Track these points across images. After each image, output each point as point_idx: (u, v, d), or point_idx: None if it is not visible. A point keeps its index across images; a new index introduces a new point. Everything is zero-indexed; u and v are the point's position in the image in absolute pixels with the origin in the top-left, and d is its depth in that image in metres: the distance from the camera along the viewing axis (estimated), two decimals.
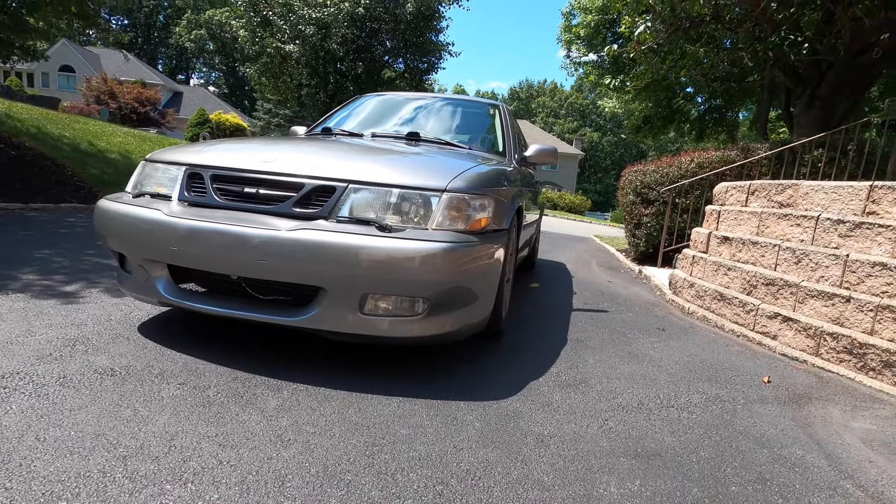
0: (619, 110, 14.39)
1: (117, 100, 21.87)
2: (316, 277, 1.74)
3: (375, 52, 16.18)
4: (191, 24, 49.76)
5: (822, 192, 3.13)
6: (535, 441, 1.56)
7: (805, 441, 1.77)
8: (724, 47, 8.20)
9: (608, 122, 54.80)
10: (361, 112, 3.64)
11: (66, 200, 6.22)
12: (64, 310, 2.32)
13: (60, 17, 8.16)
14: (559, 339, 2.71)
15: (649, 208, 6.12)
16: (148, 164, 2.13)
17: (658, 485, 1.39)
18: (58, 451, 1.24)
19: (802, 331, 2.82)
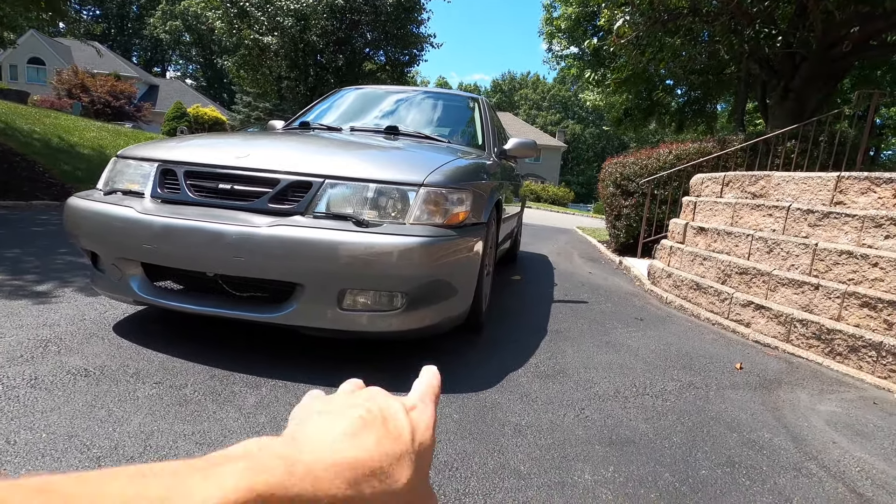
0: (601, 103, 14.50)
1: (90, 93, 21.23)
2: (293, 273, 1.73)
3: (356, 45, 15.98)
4: (166, 14, 48.51)
5: (792, 182, 3.22)
6: (513, 431, 1.59)
7: (773, 424, 1.84)
8: (701, 40, 8.32)
9: (590, 115, 55.18)
10: (340, 106, 3.61)
11: (38, 197, 6.05)
12: (35, 310, 2.27)
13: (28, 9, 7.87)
14: (539, 330, 2.74)
15: (629, 200, 6.21)
16: (120, 161, 2.09)
17: (631, 470, 1.42)
18: (29, 454, 1.22)
19: (774, 318, 2.90)
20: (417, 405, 0.30)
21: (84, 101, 20.79)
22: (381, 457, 0.24)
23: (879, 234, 2.62)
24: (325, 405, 0.28)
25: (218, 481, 0.18)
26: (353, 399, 0.29)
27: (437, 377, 0.35)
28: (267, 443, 0.22)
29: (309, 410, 0.28)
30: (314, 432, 0.24)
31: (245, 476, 0.18)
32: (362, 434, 0.25)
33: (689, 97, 13.12)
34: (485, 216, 2.27)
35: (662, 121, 13.65)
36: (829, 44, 6.50)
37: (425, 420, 0.29)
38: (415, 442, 0.27)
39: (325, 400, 0.29)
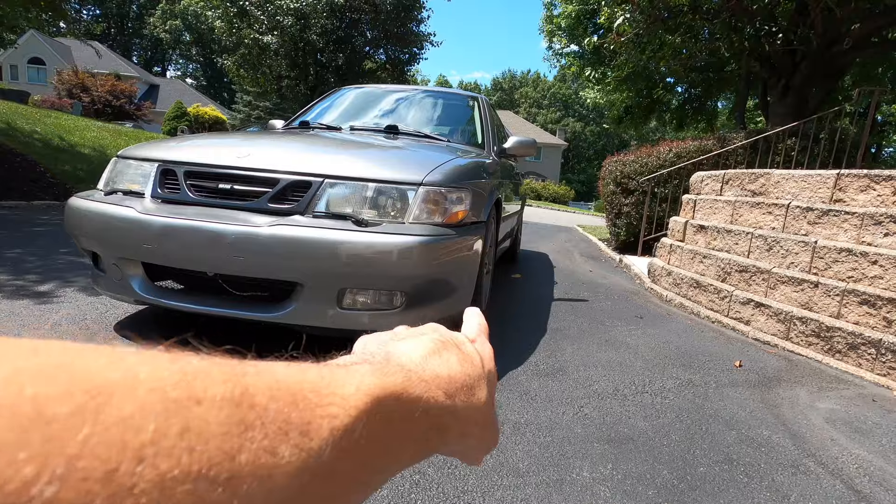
0: (601, 101, 14.48)
1: (90, 93, 21.23)
2: (293, 273, 1.74)
3: (356, 43, 15.97)
4: (165, 14, 48.50)
5: (792, 180, 3.22)
6: (512, 429, 1.59)
7: (772, 422, 1.84)
8: (701, 38, 8.30)
9: (591, 113, 55.12)
10: (340, 105, 3.62)
11: (39, 198, 6.07)
12: (38, 310, 2.28)
13: (28, 9, 7.88)
14: (539, 328, 2.75)
15: (629, 198, 6.21)
16: (120, 161, 2.09)
17: (629, 468, 1.43)
18: None
19: (773, 316, 2.91)
20: (477, 338, 0.33)
21: (84, 101, 20.80)
22: (465, 375, 0.27)
23: (879, 231, 2.62)
24: (394, 335, 0.30)
25: (358, 379, 0.20)
26: (420, 330, 0.31)
27: (482, 317, 0.37)
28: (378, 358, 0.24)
29: (379, 339, 0.29)
30: (405, 352, 0.26)
31: (377, 378, 0.21)
32: (445, 354, 0.27)
33: (690, 95, 13.10)
34: (484, 215, 2.28)
35: (663, 118, 13.63)
36: (830, 41, 6.49)
37: (488, 350, 0.32)
38: (485, 367, 0.30)
39: (392, 332, 0.31)
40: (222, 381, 0.15)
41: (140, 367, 0.14)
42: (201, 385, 0.15)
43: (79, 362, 0.13)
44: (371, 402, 0.20)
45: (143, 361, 0.14)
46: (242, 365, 0.17)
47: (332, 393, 0.19)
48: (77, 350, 0.14)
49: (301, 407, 0.17)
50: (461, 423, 0.25)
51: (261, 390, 0.16)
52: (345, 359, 0.24)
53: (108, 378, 0.13)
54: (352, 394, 0.19)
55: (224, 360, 0.17)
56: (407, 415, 0.22)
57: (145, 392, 0.13)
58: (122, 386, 0.13)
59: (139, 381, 0.13)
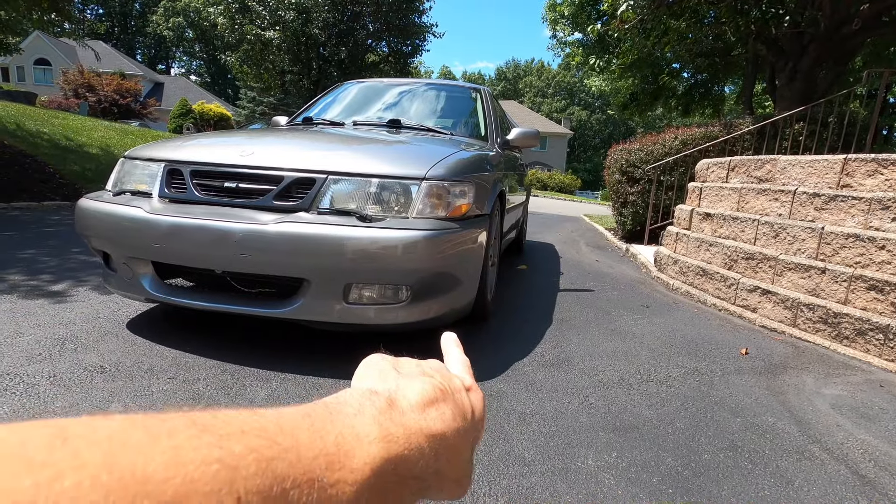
0: (606, 88, 14.34)
1: (96, 92, 21.37)
2: (299, 269, 1.77)
3: (358, 36, 15.90)
4: (168, 11, 48.50)
5: (798, 166, 3.19)
6: (518, 419, 1.62)
7: (777, 409, 1.85)
8: (707, 22, 8.18)
9: (596, 101, 54.57)
10: (343, 100, 3.62)
11: (49, 198, 6.15)
12: (52, 309, 2.33)
13: (32, 10, 7.93)
14: (545, 319, 2.76)
15: (635, 186, 6.17)
16: (127, 162, 2.12)
17: (634, 456, 1.45)
18: None
19: (780, 303, 2.90)
20: (472, 387, 0.32)
21: (90, 101, 20.94)
22: (455, 431, 0.27)
23: (887, 216, 2.60)
24: (400, 366, 0.30)
25: (365, 450, 0.21)
26: (424, 367, 0.30)
27: (461, 348, 0.36)
28: (378, 406, 0.24)
29: (384, 368, 0.29)
30: (408, 398, 0.26)
31: (382, 446, 0.22)
32: (442, 405, 0.27)
33: (696, 80, 12.93)
34: (488, 207, 2.29)
35: (669, 105, 13.48)
36: (839, 22, 6.37)
37: (480, 401, 0.31)
38: (474, 420, 0.29)
39: (398, 362, 0.31)
40: (256, 474, 0.17)
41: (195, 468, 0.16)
42: (241, 481, 0.17)
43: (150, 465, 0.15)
44: (373, 476, 0.21)
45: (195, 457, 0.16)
46: (271, 446, 0.18)
47: (343, 467, 0.20)
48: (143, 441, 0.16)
49: (318, 487, 0.19)
50: (441, 482, 0.25)
51: (287, 478, 0.18)
52: (349, 396, 0.25)
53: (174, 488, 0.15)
54: (359, 468, 0.21)
55: (255, 434, 0.18)
56: (400, 482, 0.23)
57: (201, 497, 0.15)
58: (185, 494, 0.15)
59: (197, 486, 0.15)
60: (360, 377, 0.29)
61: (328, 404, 0.23)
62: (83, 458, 0.14)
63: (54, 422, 0.15)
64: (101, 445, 0.15)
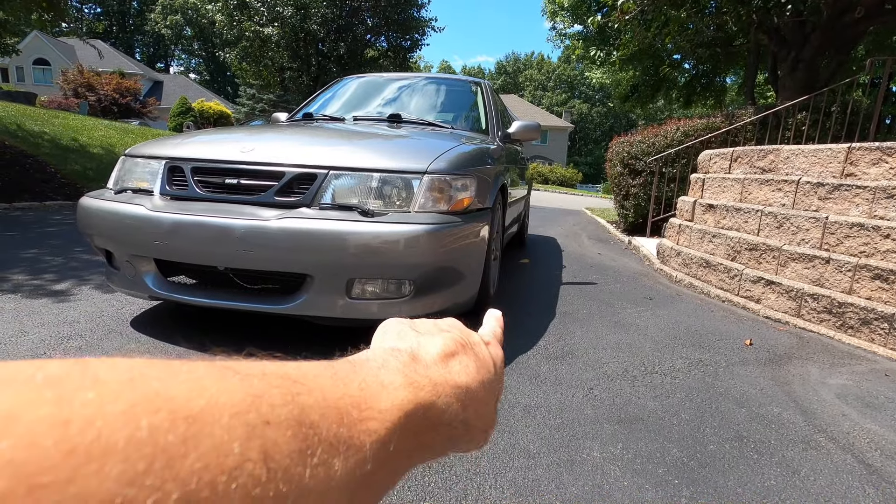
0: (607, 81, 14.27)
1: (96, 92, 21.36)
2: (301, 265, 1.77)
3: (357, 32, 15.83)
4: (166, 9, 48.34)
5: (802, 155, 3.17)
6: (522, 412, 1.62)
7: (783, 399, 1.85)
8: (708, 12, 8.11)
9: (597, 93, 54.33)
10: (342, 95, 3.61)
11: (51, 198, 6.16)
12: (56, 308, 2.34)
13: (30, 10, 7.91)
14: (548, 312, 2.76)
15: (637, 179, 6.15)
16: (128, 160, 2.12)
17: (639, 447, 1.45)
18: None
19: (784, 293, 2.89)
20: (492, 342, 0.32)
21: (90, 100, 20.93)
22: (479, 383, 0.27)
23: (891, 204, 2.58)
24: (415, 326, 0.30)
25: (392, 393, 0.22)
26: (441, 324, 0.31)
27: (500, 322, 0.37)
28: (402, 359, 0.25)
29: (402, 329, 0.30)
30: (430, 353, 0.26)
31: (409, 392, 0.22)
32: (464, 358, 0.27)
33: (698, 71, 12.85)
34: (490, 201, 2.28)
35: (670, 96, 13.41)
36: (841, 10, 6.31)
37: (500, 355, 0.32)
38: (496, 374, 0.30)
39: (414, 322, 0.31)
40: (283, 404, 0.17)
41: (219, 393, 0.15)
42: (268, 408, 0.16)
43: (171, 389, 0.14)
44: (404, 417, 0.21)
45: (219, 386, 0.16)
46: (294, 384, 0.18)
47: (370, 408, 0.20)
48: (162, 373, 0.15)
49: (346, 423, 0.19)
50: (469, 431, 0.26)
51: (314, 409, 0.18)
52: (372, 353, 0.25)
53: (199, 405, 0.14)
54: (387, 409, 0.21)
55: (278, 375, 0.18)
56: (431, 427, 0.23)
57: (228, 418, 0.15)
58: (210, 413, 0.15)
59: (222, 408, 0.15)
60: (378, 340, 0.30)
61: (351, 360, 0.23)
62: (104, 378, 0.14)
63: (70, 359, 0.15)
64: (121, 370, 0.15)
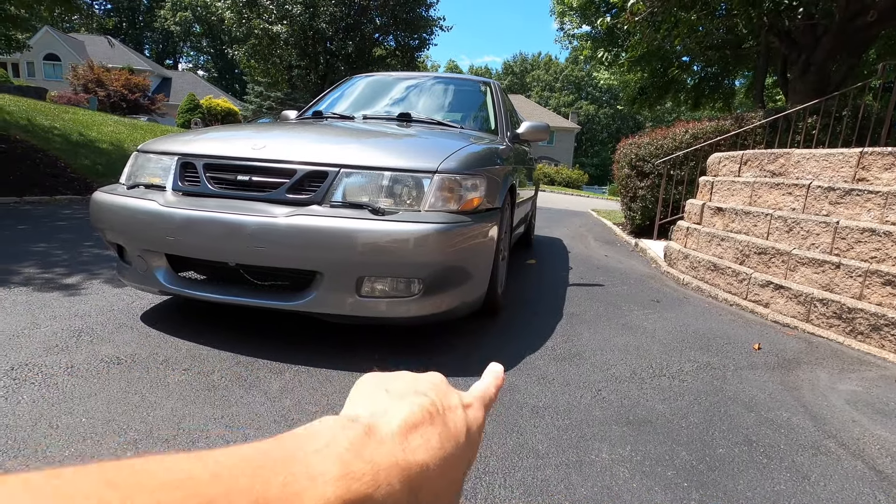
0: (615, 82, 14.22)
1: (105, 87, 21.51)
2: (312, 262, 1.77)
3: (365, 30, 15.85)
4: (175, 6, 48.58)
5: (813, 159, 3.15)
6: (531, 412, 1.62)
7: (792, 404, 1.84)
8: (718, 14, 8.07)
9: (604, 95, 54.14)
10: (352, 94, 3.62)
11: (61, 192, 6.21)
12: (67, 301, 2.36)
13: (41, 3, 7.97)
14: (555, 313, 2.76)
15: (644, 181, 6.13)
16: (140, 155, 2.14)
17: (648, 449, 1.45)
18: (71, 437, 1.29)
19: (793, 298, 2.87)
20: (473, 404, 0.30)
21: (100, 96, 21.09)
22: (441, 460, 0.25)
23: None
24: (392, 384, 0.28)
25: (318, 490, 0.20)
26: (418, 384, 0.29)
27: (498, 380, 0.34)
28: (351, 437, 0.22)
29: (374, 389, 0.28)
30: (389, 424, 0.24)
31: (342, 485, 0.20)
32: (428, 430, 0.25)
33: (706, 73, 12.79)
34: (499, 201, 2.28)
35: (678, 98, 13.36)
36: (854, 13, 6.26)
37: (479, 422, 0.29)
38: (468, 443, 0.27)
39: (391, 379, 0.29)
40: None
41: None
42: None
43: None
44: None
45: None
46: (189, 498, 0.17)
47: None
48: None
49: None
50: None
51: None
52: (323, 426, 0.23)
53: None
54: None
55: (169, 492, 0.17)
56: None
57: None
58: None
59: None
60: (351, 401, 0.28)
61: (284, 441, 0.21)
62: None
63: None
64: None
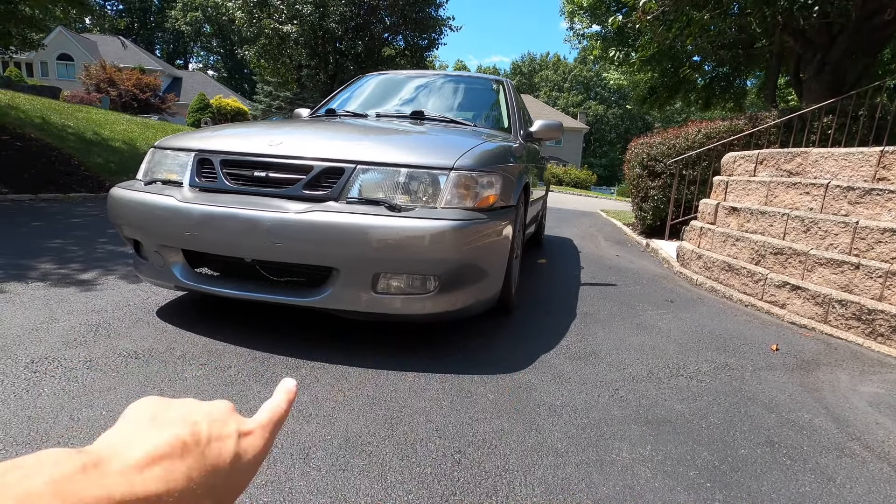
0: (625, 82, 14.13)
1: (117, 87, 21.75)
2: (328, 258, 1.77)
3: (374, 30, 15.86)
4: (186, 6, 49.00)
5: (831, 159, 3.10)
6: (548, 411, 1.60)
7: (813, 405, 1.81)
8: (731, 13, 7.98)
9: (613, 95, 53.84)
10: (364, 92, 3.62)
11: (75, 190, 6.28)
12: (83, 297, 2.38)
13: (55, 4, 8.07)
14: (568, 312, 2.74)
15: (656, 181, 6.08)
16: (157, 151, 2.15)
17: (669, 449, 1.43)
18: (92, 430, 1.29)
19: (811, 299, 2.83)
20: (255, 431, 0.29)
21: (112, 96, 21.31)
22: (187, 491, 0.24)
23: None
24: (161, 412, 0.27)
25: None
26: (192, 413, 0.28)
27: (290, 395, 0.33)
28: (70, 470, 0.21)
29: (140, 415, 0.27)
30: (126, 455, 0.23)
31: None
32: (176, 463, 0.24)
33: (717, 73, 12.68)
34: (514, 199, 2.26)
35: (688, 98, 13.25)
36: (871, 12, 6.17)
37: (256, 449, 0.29)
38: (235, 470, 0.27)
39: (164, 406, 0.28)
40: None
41: None
42: None
43: None
44: None
45: None
46: None
47: None
48: None
49: None
50: None
51: None
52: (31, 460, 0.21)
53: None
54: None
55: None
56: None
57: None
58: None
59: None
60: (117, 423, 0.27)
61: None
62: None
63: None
64: None
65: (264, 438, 0.30)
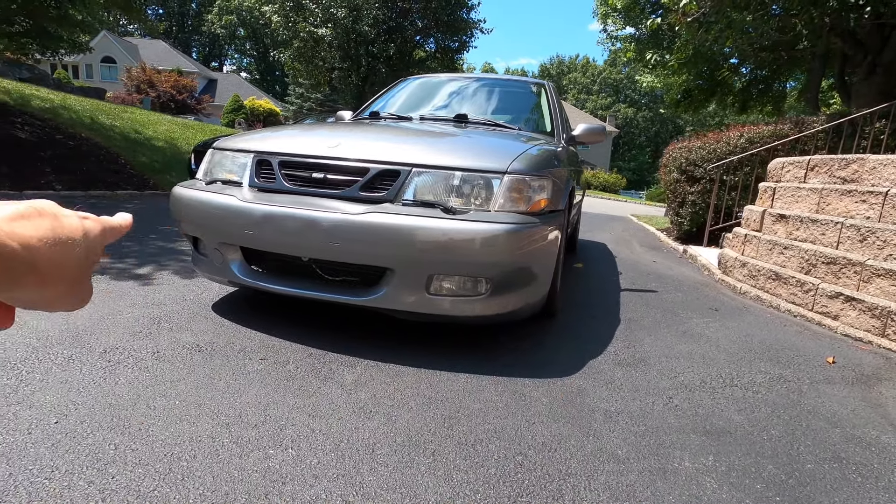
0: (658, 85, 13.87)
1: (156, 88, 22.52)
2: (384, 259, 1.80)
3: (406, 33, 16.03)
4: (221, 10, 50.42)
5: (891, 165, 2.99)
6: (604, 417, 1.59)
7: (878, 421, 1.75)
8: (774, 13, 7.76)
9: (643, 97, 52.91)
10: (405, 95, 3.66)
11: (122, 188, 6.53)
12: (142, 291, 2.48)
13: (108, 10, 8.42)
14: (612, 318, 2.71)
15: (695, 186, 5.95)
16: (217, 152, 2.22)
17: (732, 461, 1.40)
18: (168, 418, 1.35)
19: (867, 311, 2.73)
20: (90, 217, 0.35)
21: (151, 97, 22.08)
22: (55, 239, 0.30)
23: None
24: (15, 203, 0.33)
25: None
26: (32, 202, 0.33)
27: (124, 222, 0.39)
28: None
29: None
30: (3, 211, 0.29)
31: None
32: (38, 220, 0.30)
33: (755, 76, 12.32)
34: (562, 203, 2.26)
35: (724, 102, 12.92)
36: None
37: (96, 231, 0.35)
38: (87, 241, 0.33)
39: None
40: None
41: None
42: None
43: None
44: None
45: None
46: None
47: None
48: None
49: None
50: (41, 277, 0.29)
51: None
52: None
53: None
54: None
55: None
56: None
57: None
58: None
59: None
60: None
61: None
62: None
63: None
64: None
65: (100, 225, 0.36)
